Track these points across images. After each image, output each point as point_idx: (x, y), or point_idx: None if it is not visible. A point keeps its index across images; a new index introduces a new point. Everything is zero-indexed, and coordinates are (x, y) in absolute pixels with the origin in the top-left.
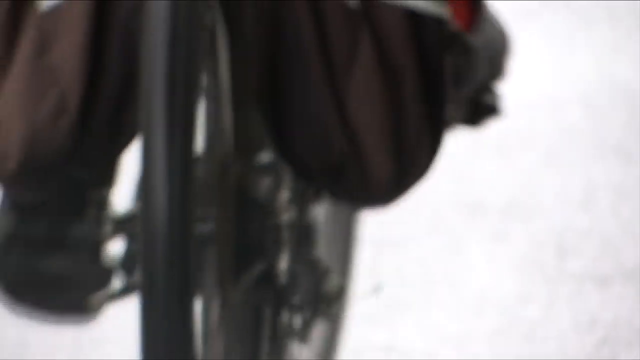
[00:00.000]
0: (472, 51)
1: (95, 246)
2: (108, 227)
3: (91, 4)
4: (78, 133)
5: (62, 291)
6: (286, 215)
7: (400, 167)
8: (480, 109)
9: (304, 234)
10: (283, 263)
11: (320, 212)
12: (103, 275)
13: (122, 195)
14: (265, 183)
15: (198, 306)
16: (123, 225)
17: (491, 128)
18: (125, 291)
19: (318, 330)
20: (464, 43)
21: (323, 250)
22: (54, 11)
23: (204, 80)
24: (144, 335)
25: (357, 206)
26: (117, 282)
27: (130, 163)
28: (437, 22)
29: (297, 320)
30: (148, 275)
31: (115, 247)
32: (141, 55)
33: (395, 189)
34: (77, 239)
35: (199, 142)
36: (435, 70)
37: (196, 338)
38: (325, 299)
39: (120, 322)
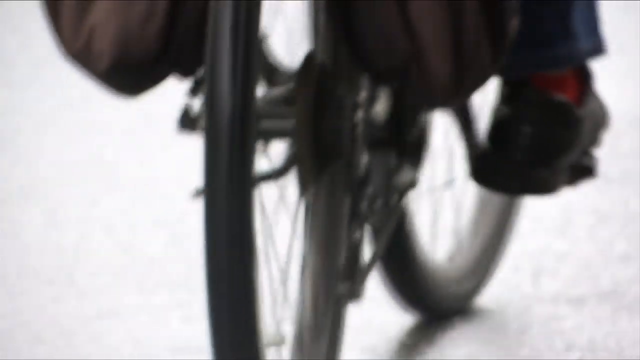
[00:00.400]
0: (580, 122)
1: None
2: None
3: None
4: (165, 37)
5: None
6: (361, 114)
7: (458, 70)
8: (580, 170)
9: (377, 131)
10: (359, 157)
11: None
12: None
13: None
14: (342, 85)
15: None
16: None
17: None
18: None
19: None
20: (574, 115)
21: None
22: None
23: None
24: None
25: (420, 104)
26: None
27: None
28: None
29: (373, 209)
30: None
31: None
32: None
33: (454, 90)
34: None
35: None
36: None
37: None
38: (396, 191)
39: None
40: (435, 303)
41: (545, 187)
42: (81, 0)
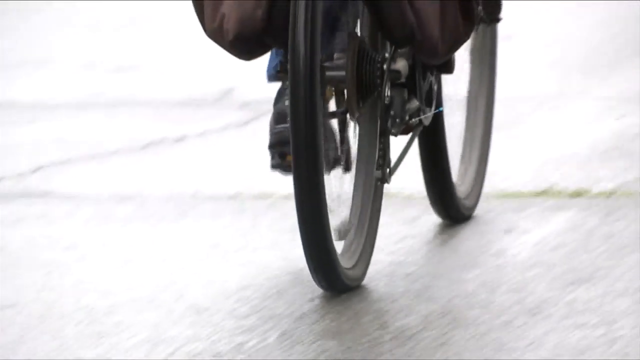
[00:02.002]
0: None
1: None
2: None
3: None
4: (266, 20)
5: None
6: (386, 66)
7: (444, 37)
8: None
9: (395, 77)
10: (386, 91)
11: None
12: None
13: None
14: (373, 49)
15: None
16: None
17: None
18: None
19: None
20: None
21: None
22: None
23: None
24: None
25: (422, 59)
26: None
27: None
28: None
29: (394, 124)
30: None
31: None
32: None
33: (443, 49)
34: None
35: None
36: None
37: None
38: (408, 114)
39: None
40: (457, 209)
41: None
42: (215, 0)
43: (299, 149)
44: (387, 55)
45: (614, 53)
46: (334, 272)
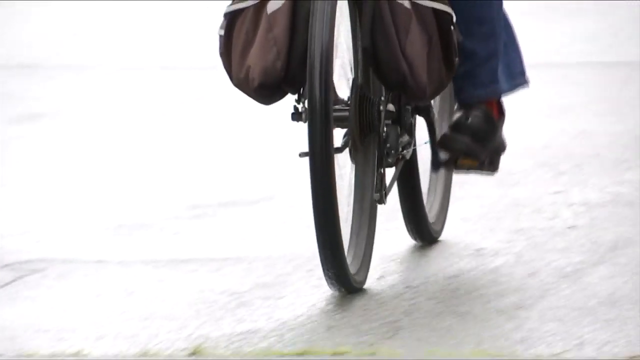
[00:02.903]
0: (497, 125)
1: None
2: None
3: (289, 9)
4: (285, 70)
5: None
6: (382, 107)
7: (430, 82)
8: (493, 164)
9: (390, 116)
10: (382, 129)
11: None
12: None
13: None
14: (372, 93)
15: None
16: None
17: None
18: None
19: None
20: (495, 121)
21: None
22: (273, 13)
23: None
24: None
25: (411, 101)
26: None
27: None
28: (447, 14)
29: (390, 156)
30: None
31: None
32: (310, 24)
33: (428, 93)
34: None
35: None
36: (447, 37)
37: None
38: (400, 147)
39: None
40: (427, 232)
41: (483, 164)
42: (241, 53)
43: (317, 177)
44: (382, 98)
45: None
46: (346, 278)
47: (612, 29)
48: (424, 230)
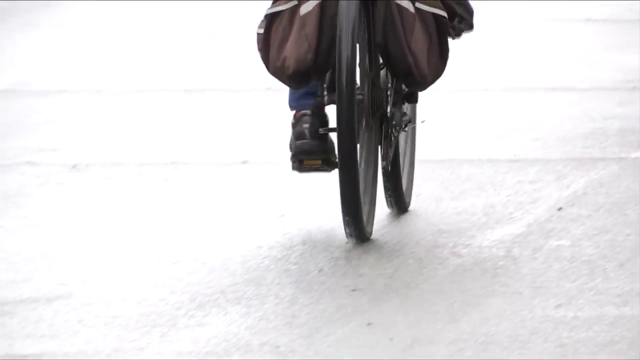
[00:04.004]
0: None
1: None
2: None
3: (318, 12)
4: (314, 60)
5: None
6: (390, 91)
7: (430, 73)
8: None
9: (396, 99)
10: (389, 108)
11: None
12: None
13: None
14: (382, 80)
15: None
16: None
17: None
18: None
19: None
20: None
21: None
22: (305, 14)
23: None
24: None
25: (415, 89)
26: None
27: None
28: (444, 17)
29: (394, 131)
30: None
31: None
32: (338, 25)
33: (429, 82)
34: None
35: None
36: (443, 37)
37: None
38: (404, 124)
39: None
40: (403, 202)
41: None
42: (279, 47)
43: (343, 148)
44: (389, 85)
45: None
46: (362, 229)
47: None
48: (400, 200)
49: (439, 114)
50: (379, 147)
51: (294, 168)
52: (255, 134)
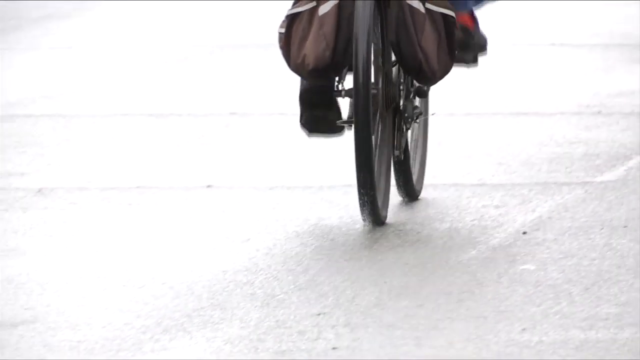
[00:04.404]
0: (473, 35)
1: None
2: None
3: (335, 13)
4: (331, 58)
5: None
6: (402, 86)
7: (439, 68)
8: (475, 59)
9: (408, 93)
10: (401, 102)
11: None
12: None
13: None
14: (394, 75)
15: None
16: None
17: None
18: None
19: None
20: (471, 32)
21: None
22: (323, 15)
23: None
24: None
25: (425, 84)
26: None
27: None
28: (452, 17)
29: (406, 123)
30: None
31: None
32: (354, 25)
33: (438, 77)
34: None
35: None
36: (451, 35)
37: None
38: (415, 116)
39: None
40: (412, 191)
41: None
42: (299, 45)
43: (359, 137)
44: (401, 80)
45: None
46: (377, 213)
47: None
48: (410, 189)
49: None
50: (392, 137)
51: (305, 130)
52: (220, 158)
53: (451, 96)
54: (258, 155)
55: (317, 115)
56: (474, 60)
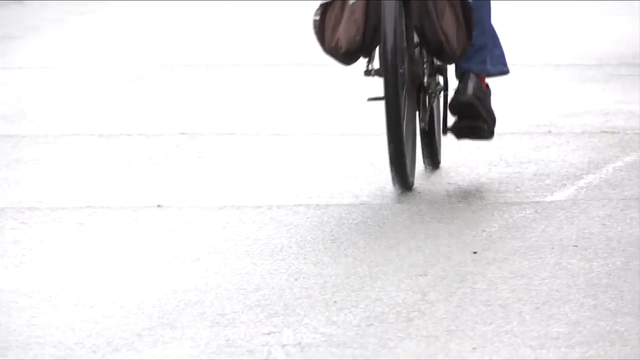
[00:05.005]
0: (487, 96)
1: None
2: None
3: (364, 1)
4: (362, 42)
5: None
6: (426, 64)
7: (458, 47)
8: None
9: (431, 71)
10: (426, 77)
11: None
12: None
13: None
14: (417, 54)
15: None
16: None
17: None
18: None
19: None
20: (486, 92)
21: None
22: (354, 4)
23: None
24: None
25: (446, 63)
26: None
27: None
28: (468, 2)
29: (430, 97)
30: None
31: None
32: (382, 11)
33: (458, 55)
34: None
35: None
36: (469, 19)
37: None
38: (438, 91)
39: None
40: (437, 158)
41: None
42: (332, 30)
43: (390, 111)
44: (425, 60)
45: None
46: (406, 179)
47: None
48: (434, 156)
49: (352, 157)
50: (417, 111)
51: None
52: (170, 178)
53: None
54: (207, 175)
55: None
56: (489, 134)
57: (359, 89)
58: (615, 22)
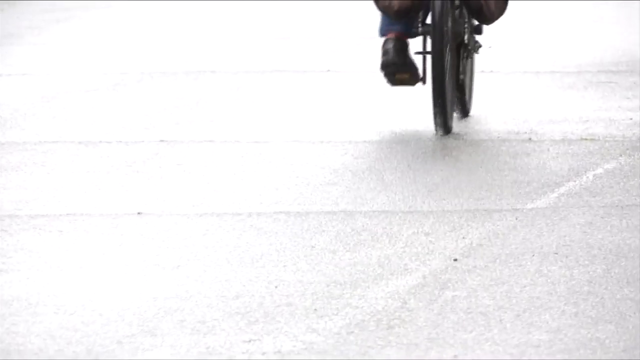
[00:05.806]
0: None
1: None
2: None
3: None
4: (412, 2)
5: None
6: (466, 25)
7: (496, 10)
8: None
9: (472, 29)
10: (465, 37)
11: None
12: None
13: None
14: (459, 15)
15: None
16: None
17: None
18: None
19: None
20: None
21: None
22: None
23: None
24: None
25: (484, 23)
26: None
27: None
28: None
29: (468, 54)
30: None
31: None
32: None
33: (495, 18)
34: None
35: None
36: None
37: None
38: (476, 48)
39: None
40: (466, 109)
41: None
42: None
43: (436, 62)
44: (466, 19)
45: None
46: (448, 123)
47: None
48: (464, 107)
49: (331, 164)
50: (458, 65)
51: (387, 82)
52: (150, 185)
53: (377, 119)
54: (187, 182)
55: (399, 79)
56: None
57: (339, 95)
58: (594, 29)
